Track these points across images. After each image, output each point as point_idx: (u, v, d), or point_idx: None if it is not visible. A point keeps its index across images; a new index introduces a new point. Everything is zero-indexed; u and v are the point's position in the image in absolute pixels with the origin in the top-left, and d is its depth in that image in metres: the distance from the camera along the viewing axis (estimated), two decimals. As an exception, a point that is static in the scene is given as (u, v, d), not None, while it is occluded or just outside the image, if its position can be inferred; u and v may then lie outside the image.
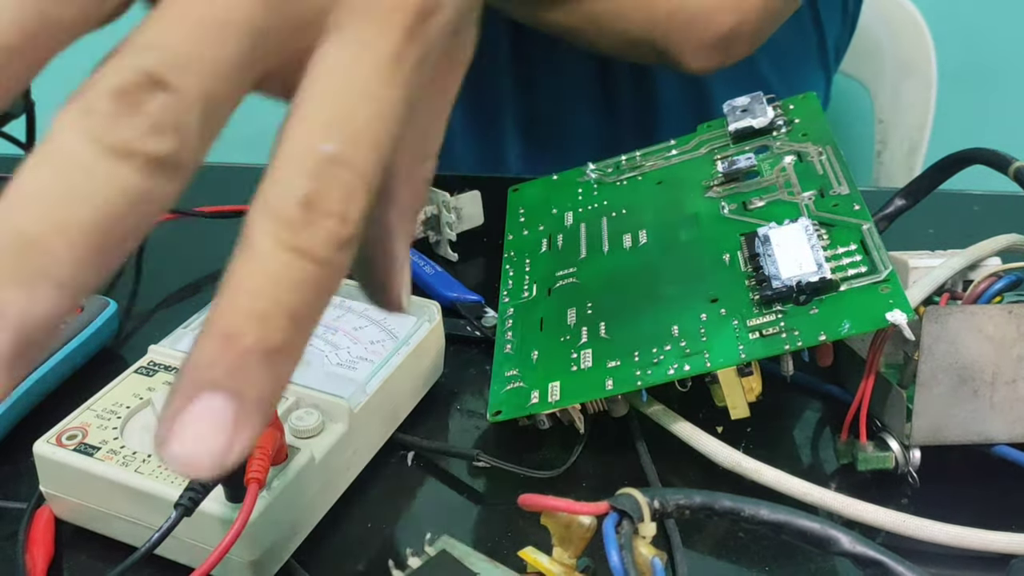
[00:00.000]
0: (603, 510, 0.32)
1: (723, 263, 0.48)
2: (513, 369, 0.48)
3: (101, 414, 0.42)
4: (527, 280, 0.54)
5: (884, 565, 0.32)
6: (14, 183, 0.20)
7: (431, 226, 0.60)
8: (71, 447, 0.40)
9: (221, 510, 0.37)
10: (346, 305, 0.49)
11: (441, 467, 0.46)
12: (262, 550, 0.38)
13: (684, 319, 0.46)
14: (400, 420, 0.47)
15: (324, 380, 0.44)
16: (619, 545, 0.31)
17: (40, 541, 0.40)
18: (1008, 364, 0.42)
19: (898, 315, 0.41)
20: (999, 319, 0.41)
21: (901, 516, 0.41)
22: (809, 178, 0.51)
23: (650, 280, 0.50)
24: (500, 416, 0.45)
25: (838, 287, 0.44)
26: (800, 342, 0.42)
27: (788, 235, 0.46)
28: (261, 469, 0.37)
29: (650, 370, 0.44)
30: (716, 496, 0.33)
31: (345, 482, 0.43)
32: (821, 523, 0.32)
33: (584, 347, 0.47)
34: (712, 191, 0.54)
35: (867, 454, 0.44)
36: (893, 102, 1.09)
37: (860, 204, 0.48)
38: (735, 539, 0.42)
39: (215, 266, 0.61)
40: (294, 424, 0.41)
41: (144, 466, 0.39)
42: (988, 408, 0.42)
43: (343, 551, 0.42)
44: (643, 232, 0.53)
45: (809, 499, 0.42)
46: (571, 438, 0.46)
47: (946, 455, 0.44)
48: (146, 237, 0.21)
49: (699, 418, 0.46)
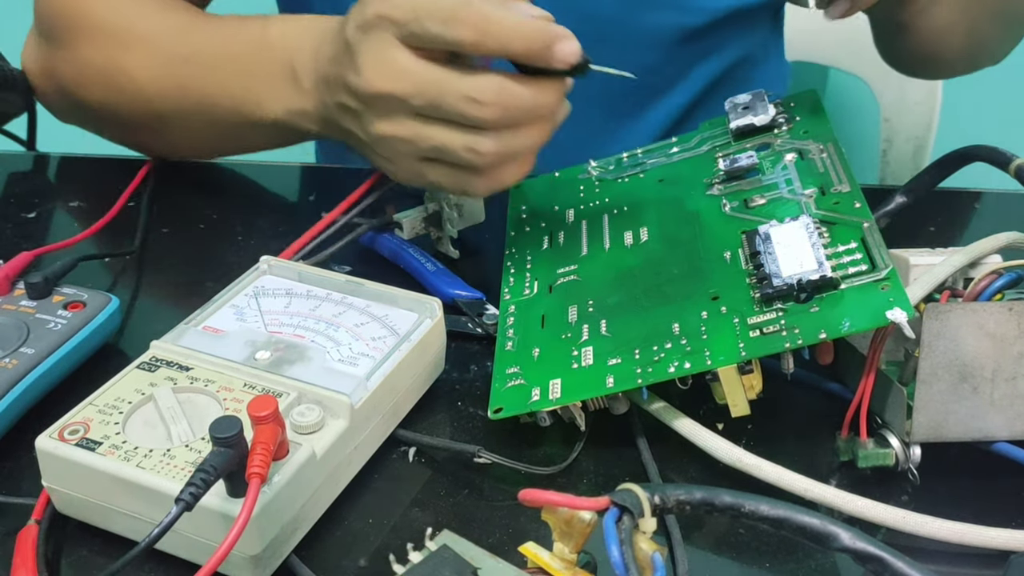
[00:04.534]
0: (604, 505, 0.32)
1: (724, 261, 0.48)
2: (514, 366, 0.48)
3: (103, 409, 0.42)
4: (528, 277, 0.54)
5: (884, 561, 0.32)
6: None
7: (433, 223, 0.60)
8: (73, 442, 0.40)
9: (222, 505, 0.37)
10: (348, 301, 0.49)
11: (442, 463, 0.46)
12: (263, 545, 0.38)
13: (685, 317, 0.46)
14: (402, 416, 0.47)
15: (325, 376, 0.44)
16: (619, 540, 0.31)
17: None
18: (1008, 361, 0.42)
19: (898, 313, 0.41)
20: (1000, 316, 0.41)
21: (901, 512, 0.41)
22: (810, 176, 0.51)
23: (651, 278, 0.50)
24: (501, 413, 0.46)
25: (838, 285, 0.44)
26: (800, 340, 0.42)
27: (789, 233, 0.46)
28: (262, 464, 0.37)
29: (651, 368, 0.44)
30: (716, 492, 0.34)
31: (347, 477, 0.44)
32: (821, 519, 0.33)
33: (585, 344, 0.47)
34: (713, 189, 0.54)
35: (867, 451, 0.44)
36: (899, 101, 1.09)
37: (861, 202, 0.48)
38: (735, 535, 0.42)
39: (216, 264, 0.61)
40: (295, 420, 0.41)
41: (146, 461, 0.39)
42: (988, 405, 0.42)
43: (345, 546, 0.42)
44: (644, 230, 0.54)
45: (809, 495, 0.42)
46: (572, 435, 0.46)
47: (946, 452, 0.44)
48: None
49: (700, 415, 0.46)
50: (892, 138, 1.11)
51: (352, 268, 0.58)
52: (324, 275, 0.51)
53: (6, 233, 0.63)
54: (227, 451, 0.37)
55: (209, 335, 0.46)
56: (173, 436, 0.41)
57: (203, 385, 0.43)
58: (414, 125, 0.50)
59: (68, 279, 0.52)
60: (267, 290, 0.50)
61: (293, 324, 0.48)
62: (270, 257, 0.52)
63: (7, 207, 0.66)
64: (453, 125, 0.50)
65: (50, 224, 0.65)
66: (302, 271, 0.51)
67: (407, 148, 0.51)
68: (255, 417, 0.37)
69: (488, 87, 0.48)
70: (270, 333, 0.47)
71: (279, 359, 0.45)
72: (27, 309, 0.50)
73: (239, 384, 0.43)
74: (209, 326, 0.47)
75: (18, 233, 0.63)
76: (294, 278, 0.51)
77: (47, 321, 0.49)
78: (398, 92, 0.49)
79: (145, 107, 0.64)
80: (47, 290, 0.51)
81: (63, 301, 0.51)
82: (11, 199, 0.68)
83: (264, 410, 0.37)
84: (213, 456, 0.36)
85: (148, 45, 0.63)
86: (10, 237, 0.63)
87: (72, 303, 0.51)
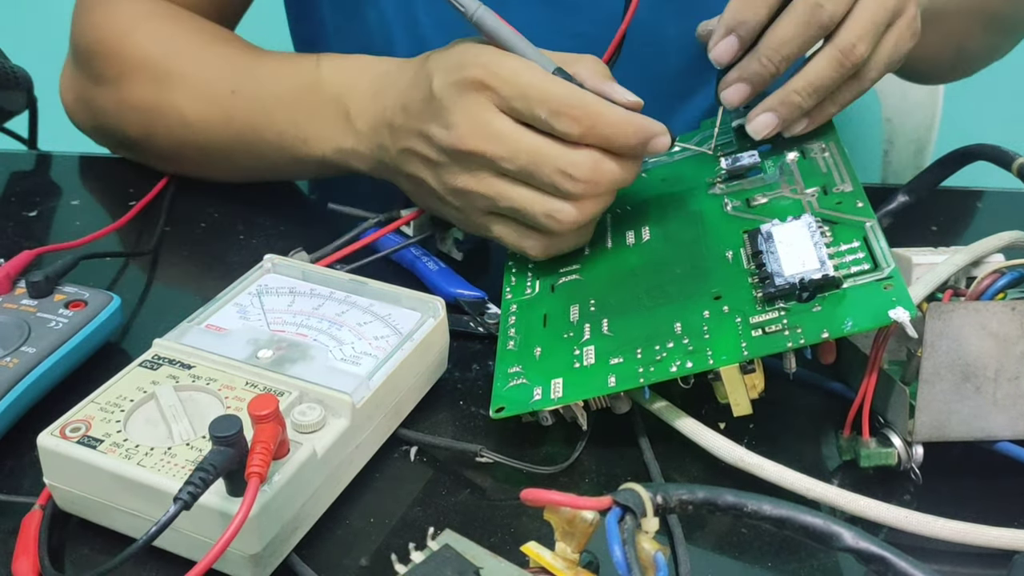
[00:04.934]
0: (606, 505, 0.32)
1: (726, 260, 0.48)
2: (516, 365, 0.48)
3: (105, 407, 0.42)
4: (530, 276, 0.54)
5: (887, 561, 0.32)
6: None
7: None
8: (75, 439, 0.40)
9: (221, 504, 0.37)
10: (351, 300, 0.49)
11: (444, 462, 0.46)
12: (263, 544, 0.38)
13: (687, 316, 0.46)
14: (404, 416, 0.47)
15: (327, 375, 0.44)
16: (622, 540, 0.31)
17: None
18: (1011, 360, 0.42)
19: (901, 312, 0.41)
20: (1002, 316, 0.41)
21: (904, 512, 0.41)
22: (812, 175, 0.51)
23: (653, 277, 0.50)
24: (503, 412, 0.45)
25: (841, 284, 0.44)
26: (803, 339, 0.42)
27: (791, 232, 0.46)
28: (262, 464, 0.37)
29: (653, 367, 0.44)
30: (719, 491, 0.33)
31: (348, 477, 0.44)
32: (824, 519, 0.32)
33: (587, 344, 0.47)
34: (715, 188, 0.54)
35: (870, 450, 0.44)
36: (900, 101, 1.08)
37: (863, 201, 0.48)
38: (738, 534, 0.42)
39: (217, 263, 0.61)
40: (296, 419, 0.41)
41: (146, 459, 0.39)
42: (991, 404, 0.42)
43: (346, 545, 0.42)
44: (646, 229, 0.53)
45: (812, 495, 0.42)
46: (574, 434, 0.46)
47: (949, 451, 0.44)
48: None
49: (702, 414, 0.46)
50: (894, 138, 1.11)
51: (354, 267, 0.58)
52: (327, 274, 0.51)
53: (7, 232, 0.63)
54: (227, 450, 0.36)
55: (212, 333, 0.46)
56: (174, 434, 0.41)
57: (205, 383, 0.43)
58: (498, 183, 0.50)
59: (69, 278, 0.52)
60: (270, 288, 0.50)
61: (296, 323, 0.48)
62: (274, 256, 0.52)
63: (8, 205, 0.66)
64: (537, 190, 0.50)
65: (51, 223, 0.65)
66: (306, 270, 0.51)
67: (484, 203, 0.52)
68: (255, 416, 0.37)
69: (583, 163, 0.49)
70: (273, 332, 0.47)
71: (281, 358, 0.45)
72: (28, 308, 0.50)
73: (241, 382, 0.43)
74: (212, 324, 0.47)
75: (19, 232, 0.63)
76: (297, 277, 0.51)
77: (48, 320, 0.49)
78: (490, 153, 0.49)
79: (189, 141, 0.64)
80: (48, 289, 0.51)
81: (64, 300, 0.51)
82: (12, 197, 0.68)
83: (264, 409, 0.37)
84: (212, 455, 0.36)
85: (195, 81, 0.63)
86: (11, 236, 0.63)
87: (73, 302, 0.51)
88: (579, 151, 0.49)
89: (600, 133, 0.49)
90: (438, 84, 0.51)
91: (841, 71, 0.51)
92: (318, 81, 0.59)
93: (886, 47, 0.51)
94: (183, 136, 0.64)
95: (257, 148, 0.62)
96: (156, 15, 0.66)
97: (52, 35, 0.82)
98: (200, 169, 0.67)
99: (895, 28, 0.51)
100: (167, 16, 0.66)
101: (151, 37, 0.65)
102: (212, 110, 0.62)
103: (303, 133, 0.60)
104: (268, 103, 0.61)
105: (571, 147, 0.49)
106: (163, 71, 0.64)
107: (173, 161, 0.67)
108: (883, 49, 0.51)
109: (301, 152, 0.60)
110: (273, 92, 0.61)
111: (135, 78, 0.64)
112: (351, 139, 0.57)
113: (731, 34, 0.52)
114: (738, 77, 0.53)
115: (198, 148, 0.64)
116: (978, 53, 0.75)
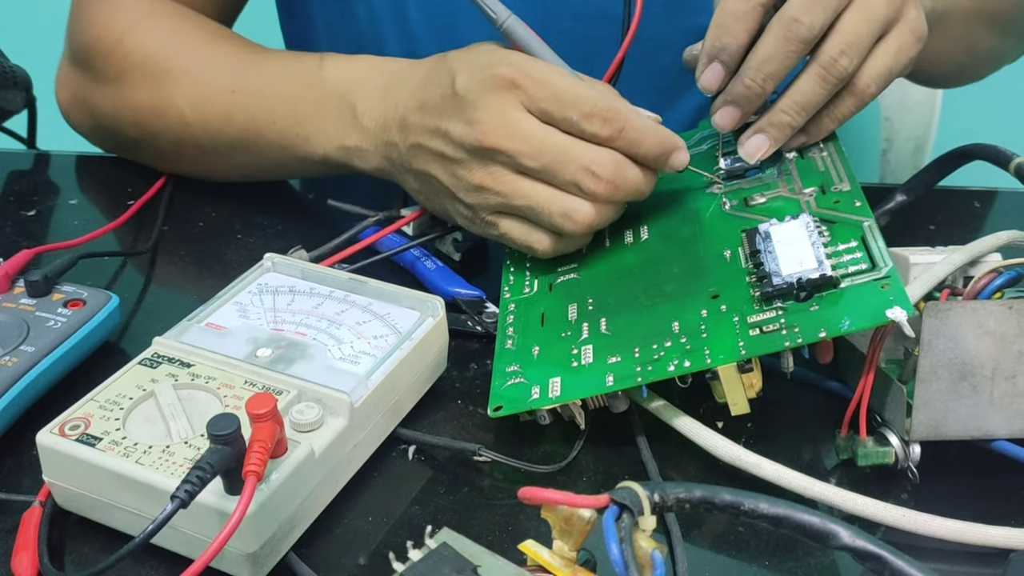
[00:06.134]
0: (603, 503, 0.32)
1: (724, 259, 0.48)
2: (514, 364, 0.48)
3: (104, 405, 0.42)
4: (528, 276, 0.54)
5: (884, 559, 0.32)
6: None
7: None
8: (74, 437, 0.40)
9: (219, 502, 0.37)
10: (350, 299, 0.49)
11: (442, 461, 0.46)
12: (260, 543, 0.38)
13: (685, 315, 0.46)
14: (403, 415, 0.47)
15: (326, 374, 0.44)
16: (619, 538, 0.31)
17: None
18: (1008, 360, 0.42)
19: (898, 312, 0.41)
20: (999, 315, 0.41)
21: (901, 511, 0.41)
22: (810, 174, 0.51)
23: (651, 276, 0.50)
24: (501, 411, 0.46)
25: (838, 284, 0.44)
26: (800, 339, 0.42)
27: (789, 232, 0.46)
28: (259, 462, 0.37)
29: (651, 366, 0.44)
30: (716, 490, 0.34)
31: (346, 476, 0.44)
32: (821, 517, 0.33)
33: (585, 343, 0.47)
34: (713, 187, 0.54)
35: (867, 449, 0.44)
36: (899, 100, 1.08)
37: (861, 201, 0.48)
38: (735, 533, 0.42)
39: (215, 262, 0.61)
40: (294, 418, 0.41)
41: (145, 457, 0.39)
42: (988, 403, 0.42)
43: (344, 544, 0.42)
44: (644, 228, 0.54)
45: (809, 493, 0.42)
46: (572, 433, 0.46)
47: (946, 450, 0.44)
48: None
49: (699, 413, 0.46)
50: (892, 137, 1.11)
51: (355, 267, 0.58)
52: (327, 273, 0.51)
53: (6, 231, 0.63)
54: (224, 448, 0.37)
55: (211, 332, 0.46)
56: (173, 433, 0.41)
57: (204, 382, 0.43)
58: (515, 180, 0.50)
59: (68, 277, 0.52)
60: (270, 287, 0.50)
61: (295, 322, 0.48)
62: (274, 254, 0.52)
63: (7, 205, 0.66)
64: (556, 188, 0.50)
65: (50, 222, 0.65)
66: (305, 268, 0.51)
67: (496, 200, 0.51)
68: (253, 415, 0.37)
69: (607, 163, 0.49)
70: (272, 330, 0.47)
71: (280, 356, 0.45)
72: (27, 307, 0.50)
73: (240, 381, 0.43)
74: (212, 323, 0.47)
75: (18, 231, 0.63)
76: (297, 276, 0.51)
77: (47, 319, 0.49)
78: (513, 150, 0.49)
79: (189, 140, 0.64)
80: (47, 288, 0.51)
81: (63, 299, 0.51)
82: (11, 197, 0.68)
83: (262, 408, 0.37)
84: (210, 453, 0.36)
85: (195, 79, 0.63)
86: (9, 235, 0.63)
87: (72, 301, 0.51)
88: (603, 151, 0.50)
89: (628, 137, 0.49)
90: (463, 81, 0.51)
91: (826, 86, 0.50)
92: (322, 79, 0.59)
93: (883, 56, 0.51)
94: (183, 135, 0.64)
95: (257, 147, 0.62)
96: (156, 13, 0.66)
97: (51, 34, 0.81)
98: (199, 168, 0.67)
99: (893, 35, 0.51)
100: (167, 14, 0.66)
101: (151, 35, 0.65)
102: (212, 109, 0.62)
103: (305, 131, 0.60)
104: (269, 101, 0.61)
105: (595, 147, 0.50)
106: (163, 70, 0.64)
107: (172, 160, 0.67)
108: (880, 59, 0.51)
109: (302, 150, 0.60)
110: (275, 90, 0.61)
111: (134, 77, 0.64)
112: (355, 136, 0.57)
113: (714, 61, 0.52)
114: (725, 101, 0.53)
115: (198, 147, 0.64)
116: (986, 55, 0.75)
